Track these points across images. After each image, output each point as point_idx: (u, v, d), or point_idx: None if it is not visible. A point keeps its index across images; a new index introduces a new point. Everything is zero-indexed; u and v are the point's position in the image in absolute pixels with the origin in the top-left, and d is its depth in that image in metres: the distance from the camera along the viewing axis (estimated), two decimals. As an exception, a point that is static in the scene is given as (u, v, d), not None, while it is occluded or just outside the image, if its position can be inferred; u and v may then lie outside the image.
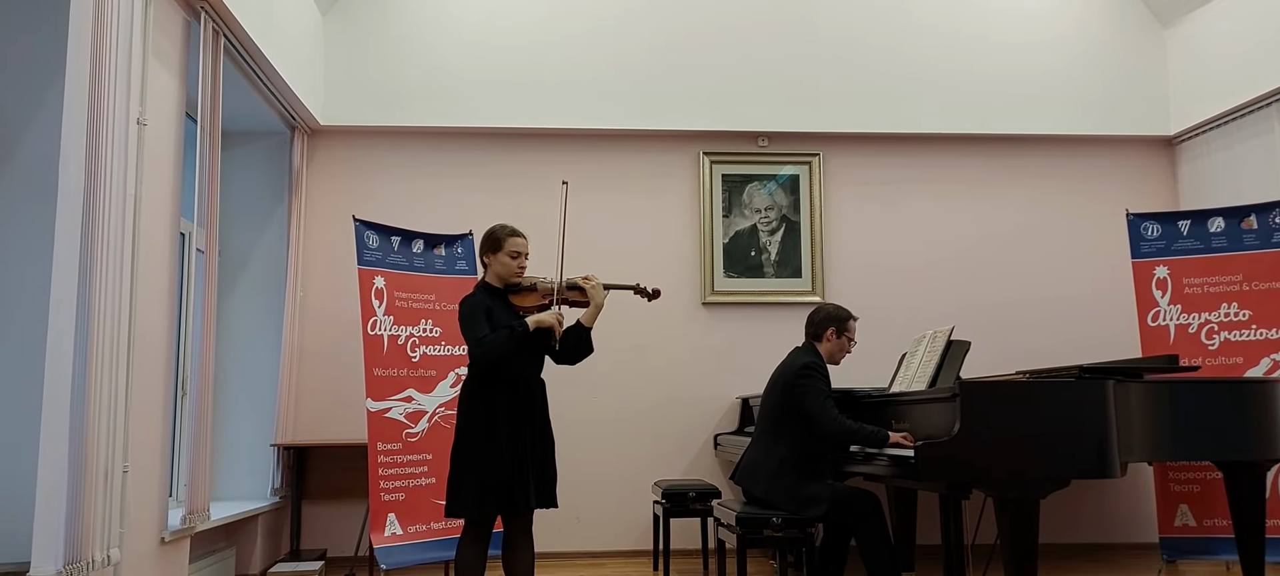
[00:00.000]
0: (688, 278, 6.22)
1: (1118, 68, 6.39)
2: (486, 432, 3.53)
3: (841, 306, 4.46)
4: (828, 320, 4.35)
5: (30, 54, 3.65)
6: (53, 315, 3.02)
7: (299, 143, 5.90)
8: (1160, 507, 5.24)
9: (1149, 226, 5.43)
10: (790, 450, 4.16)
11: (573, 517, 5.78)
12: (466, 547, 3.59)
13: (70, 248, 3.04)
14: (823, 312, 4.40)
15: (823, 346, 4.34)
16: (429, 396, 5.31)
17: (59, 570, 2.95)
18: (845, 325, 4.36)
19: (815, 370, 4.19)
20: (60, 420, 2.99)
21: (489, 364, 3.55)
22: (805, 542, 4.17)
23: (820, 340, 4.35)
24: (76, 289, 3.04)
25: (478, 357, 3.55)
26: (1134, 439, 3.60)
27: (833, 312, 4.38)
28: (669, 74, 6.20)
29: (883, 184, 6.37)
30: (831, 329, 4.34)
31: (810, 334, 4.40)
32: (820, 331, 4.36)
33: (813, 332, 4.39)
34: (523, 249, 3.72)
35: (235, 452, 5.62)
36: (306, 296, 5.91)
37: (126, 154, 3.42)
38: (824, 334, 4.34)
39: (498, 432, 3.52)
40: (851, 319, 4.40)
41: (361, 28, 6.11)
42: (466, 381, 3.66)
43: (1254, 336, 5.16)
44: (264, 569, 5.36)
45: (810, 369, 4.18)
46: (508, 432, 3.53)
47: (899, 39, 6.32)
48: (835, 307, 4.42)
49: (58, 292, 3.03)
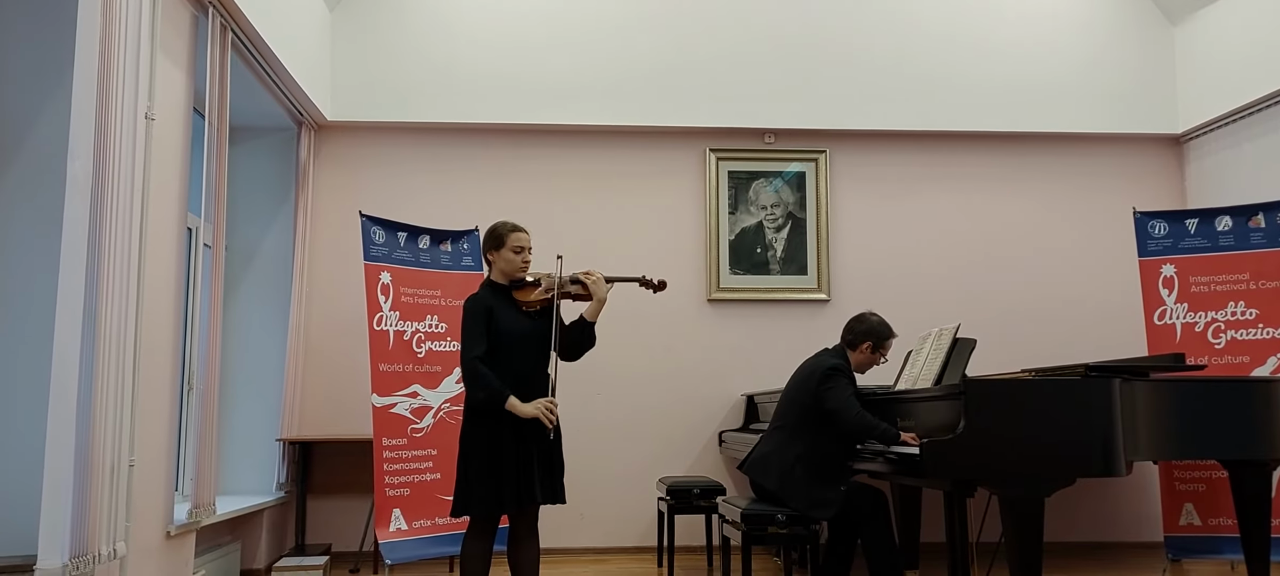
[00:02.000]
0: (693, 275, 6.22)
1: (1126, 65, 6.37)
2: (494, 429, 3.53)
3: (887, 323, 4.34)
4: (869, 333, 4.28)
5: (39, 49, 3.66)
6: (60, 309, 3.03)
7: (306, 138, 5.91)
8: (1165, 506, 5.23)
9: (1156, 225, 5.41)
10: (806, 449, 4.15)
11: (577, 514, 5.80)
12: (472, 542, 3.59)
13: (78, 241, 3.05)
14: (866, 324, 4.30)
15: (855, 355, 4.29)
16: (434, 392, 5.32)
17: (65, 563, 2.96)
18: (883, 343, 4.30)
19: (841, 373, 4.16)
20: (67, 414, 3.00)
21: (466, 382, 3.56)
22: (810, 540, 4.17)
23: (855, 349, 4.30)
24: (83, 283, 3.05)
25: (463, 367, 3.56)
26: (1139, 437, 3.59)
27: (876, 327, 4.29)
28: (675, 70, 6.20)
29: (889, 181, 6.37)
30: (869, 343, 4.28)
31: (846, 340, 4.34)
32: (857, 341, 4.30)
33: (849, 340, 4.33)
34: (526, 243, 3.72)
35: (241, 447, 5.64)
36: (313, 291, 5.92)
37: (134, 148, 3.43)
38: (860, 344, 4.29)
39: (504, 429, 3.52)
40: (891, 337, 4.32)
41: (369, 23, 6.11)
42: (472, 378, 3.66)
43: (1261, 335, 5.14)
44: (269, 563, 5.37)
45: (837, 371, 4.15)
46: (514, 429, 3.53)
47: (906, 36, 6.30)
48: (881, 322, 4.32)
49: (65, 286, 3.04)
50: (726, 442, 5.91)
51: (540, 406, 3.52)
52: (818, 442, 4.15)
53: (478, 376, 3.50)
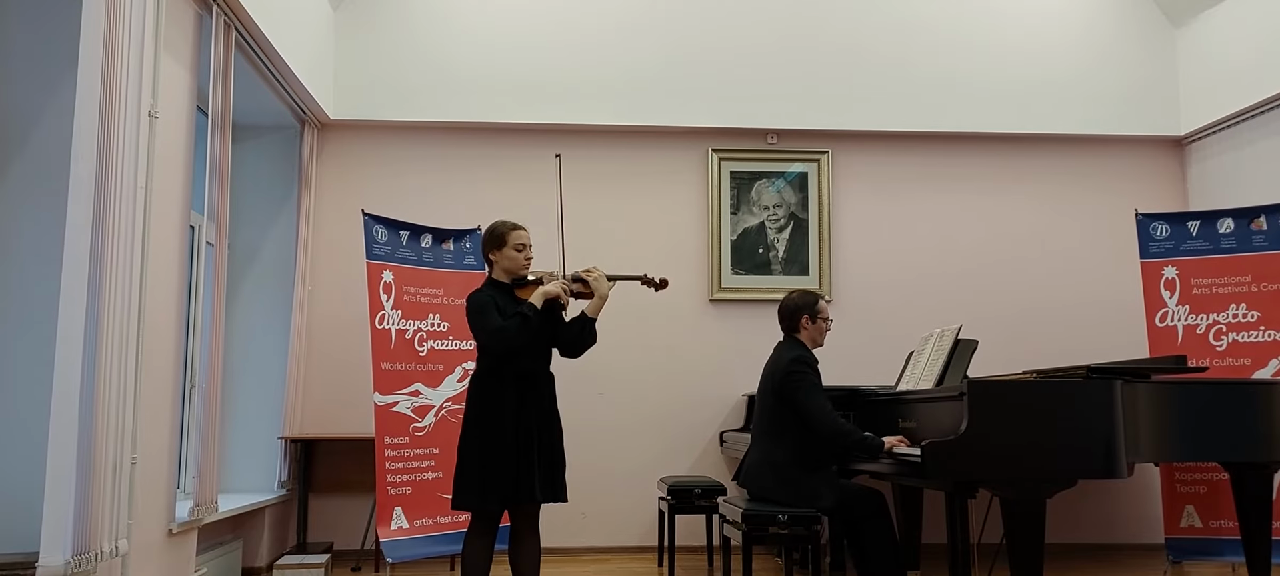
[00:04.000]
0: (695, 274, 6.22)
1: (1128, 67, 6.37)
2: (494, 426, 3.53)
3: (806, 291, 4.45)
4: (798, 309, 4.35)
5: (43, 46, 3.66)
6: (63, 307, 3.03)
7: (309, 137, 5.92)
8: (1166, 508, 5.22)
9: (1158, 227, 5.41)
10: (790, 450, 4.16)
11: (578, 513, 5.80)
12: (473, 541, 3.60)
13: (81, 240, 3.05)
14: (790, 304, 4.39)
15: (802, 335, 4.34)
16: (436, 391, 5.32)
17: (67, 560, 2.97)
18: (815, 308, 4.35)
19: (803, 362, 4.18)
20: (69, 412, 3.00)
21: (505, 351, 3.56)
22: (811, 540, 4.17)
23: (798, 331, 4.35)
24: (87, 281, 3.05)
25: (493, 347, 3.55)
26: (1141, 439, 3.59)
27: (799, 301, 4.37)
28: (678, 71, 6.20)
29: (891, 182, 6.37)
30: (805, 316, 4.33)
31: (787, 328, 4.40)
32: (795, 322, 4.36)
33: (789, 326, 4.39)
34: (526, 241, 3.74)
35: (243, 445, 5.64)
36: (315, 290, 5.93)
37: (138, 146, 3.43)
38: (799, 323, 4.35)
39: (505, 426, 3.53)
40: (819, 299, 4.39)
41: (372, 22, 6.12)
42: (474, 376, 3.67)
43: (1262, 338, 5.14)
44: (270, 561, 5.38)
45: (799, 362, 4.17)
46: (515, 426, 3.54)
47: (909, 37, 6.30)
48: (800, 294, 4.42)
49: (68, 284, 3.04)
50: (728, 442, 5.91)
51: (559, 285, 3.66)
52: (800, 441, 4.15)
53: (505, 330, 3.52)
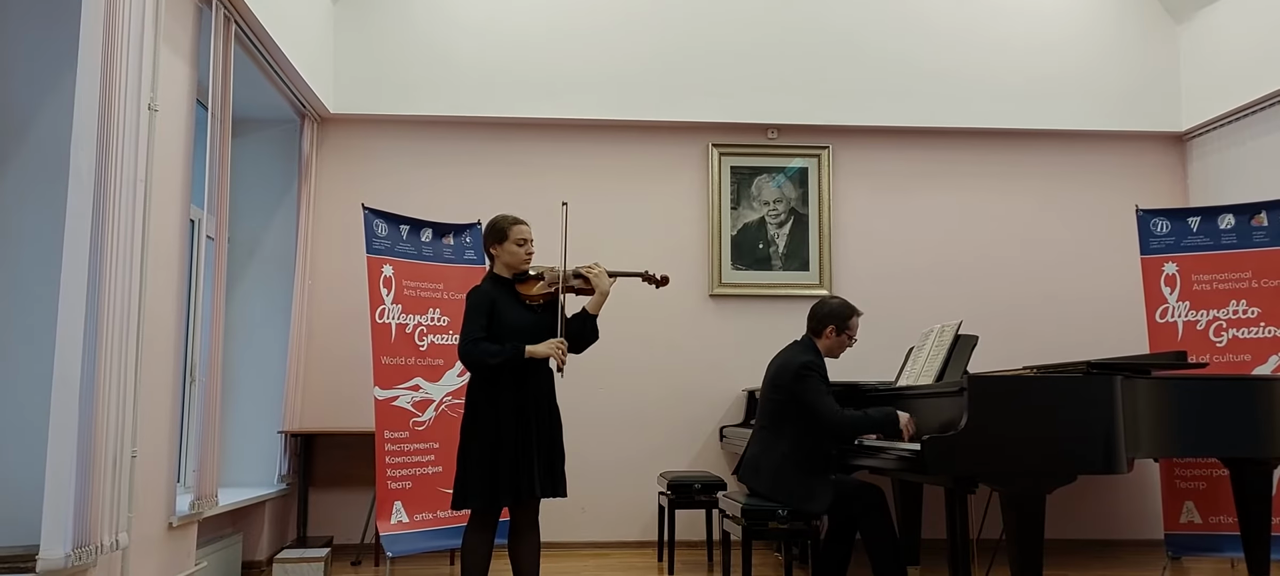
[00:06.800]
0: (695, 270, 6.22)
1: (1130, 63, 6.37)
2: (493, 422, 3.53)
3: (847, 302, 4.33)
4: (830, 317, 4.26)
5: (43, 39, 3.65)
6: (62, 300, 3.03)
7: (309, 130, 5.91)
8: (1166, 504, 5.23)
9: (1158, 222, 5.41)
10: (791, 446, 4.13)
11: (578, 508, 5.81)
12: (472, 536, 3.60)
13: (81, 233, 3.05)
14: (826, 308, 4.30)
15: (822, 342, 4.27)
16: (436, 385, 5.32)
17: (67, 554, 2.97)
18: (847, 322, 4.26)
19: (813, 369, 4.12)
20: (69, 405, 3.00)
21: (472, 367, 3.56)
22: (810, 535, 4.17)
23: (820, 336, 4.28)
24: (87, 274, 3.05)
25: (463, 357, 3.56)
26: (1141, 435, 3.59)
27: (837, 309, 4.27)
28: (678, 65, 6.19)
29: (892, 177, 6.36)
30: (832, 326, 4.25)
31: (811, 329, 4.32)
32: (821, 328, 4.28)
33: (813, 328, 4.31)
34: (528, 235, 3.73)
35: (243, 439, 5.64)
36: (315, 284, 5.93)
37: (138, 140, 3.42)
38: (824, 331, 4.27)
39: (504, 422, 3.53)
40: (854, 315, 4.29)
41: (372, 16, 6.11)
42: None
43: (1262, 334, 5.14)
44: (270, 555, 5.38)
45: (808, 367, 4.11)
46: (514, 422, 3.54)
47: (910, 32, 6.30)
48: (840, 304, 4.31)
49: (68, 278, 3.03)
50: (728, 438, 5.91)
51: (552, 345, 3.56)
52: (801, 439, 4.12)
53: (481, 352, 3.51)
